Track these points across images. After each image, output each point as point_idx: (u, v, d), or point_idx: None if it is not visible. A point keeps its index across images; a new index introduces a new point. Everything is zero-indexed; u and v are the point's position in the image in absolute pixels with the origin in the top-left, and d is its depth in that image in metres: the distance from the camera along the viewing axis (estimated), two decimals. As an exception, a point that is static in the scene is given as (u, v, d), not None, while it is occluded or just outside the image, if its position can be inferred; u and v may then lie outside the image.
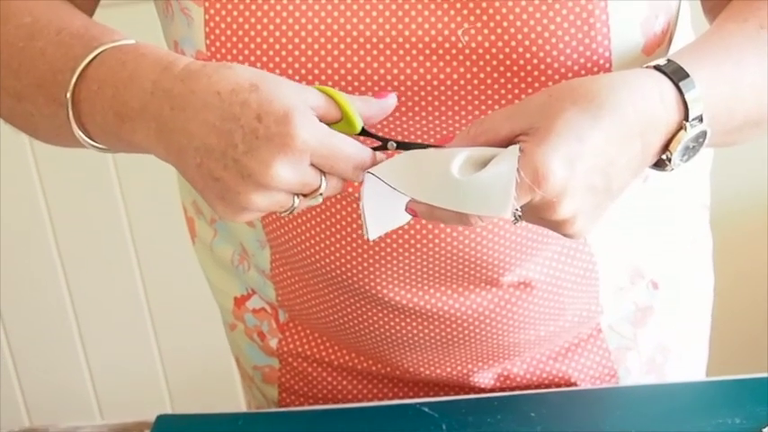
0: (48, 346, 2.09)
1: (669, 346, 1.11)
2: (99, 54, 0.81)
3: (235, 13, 0.88)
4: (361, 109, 0.79)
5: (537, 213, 0.75)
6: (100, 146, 0.83)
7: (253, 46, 0.88)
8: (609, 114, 0.75)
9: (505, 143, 0.76)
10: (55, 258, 2.00)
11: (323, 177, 0.76)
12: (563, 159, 0.73)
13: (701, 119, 0.79)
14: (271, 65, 0.88)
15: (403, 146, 0.79)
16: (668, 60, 0.79)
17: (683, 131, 0.78)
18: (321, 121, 0.77)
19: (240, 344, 1.15)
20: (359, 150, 0.77)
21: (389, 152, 0.79)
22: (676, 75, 0.78)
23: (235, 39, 0.88)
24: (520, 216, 0.74)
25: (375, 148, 0.78)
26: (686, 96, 0.78)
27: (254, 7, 0.87)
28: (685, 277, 1.11)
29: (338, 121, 0.78)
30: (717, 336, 1.23)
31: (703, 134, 0.80)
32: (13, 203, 1.95)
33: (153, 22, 0.99)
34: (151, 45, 0.82)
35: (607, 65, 0.87)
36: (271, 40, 0.87)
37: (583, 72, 0.87)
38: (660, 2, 0.88)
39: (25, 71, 0.85)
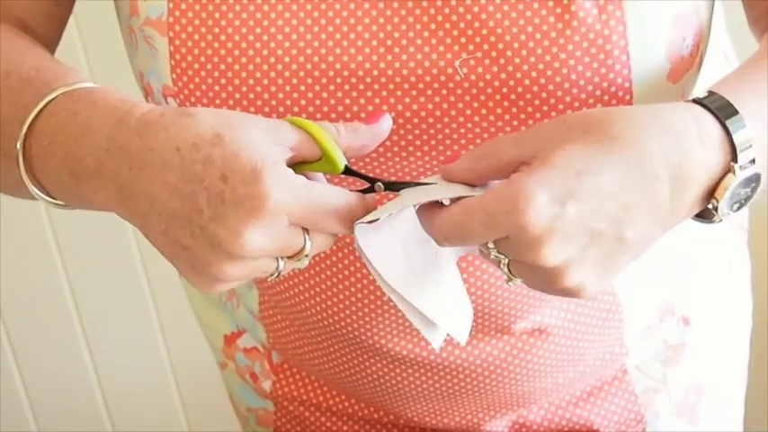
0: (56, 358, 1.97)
1: (703, 385, 1.00)
2: (49, 103, 0.71)
3: (203, 45, 0.77)
4: (349, 140, 0.68)
5: (518, 255, 0.64)
6: (61, 203, 0.73)
7: (224, 81, 0.77)
8: (624, 149, 0.63)
9: (508, 170, 0.65)
10: (60, 272, 1.89)
11: (306, 236, 0.66)
12: (553, 194, 0.61)
13: (753, 161, 0.66)
14: (245, 102, 0.77)
15: (391, 186, 0.67)
16: (710, 92, 0.67)
17: (730, 175, 0.65)
18: (299, 160, 0.67)
19: (232, 384, 1.06)
20: (344, 200, 0.66)
21: (378, 195, 0.68)
22: (722, 111, 0.66)
23: (203, 73, 0.78)
24: (511, 275, 0.66)
25: (363, 191, 0.67)
26: (734, 138, 0.65)
27: (223, 38, 0.77)
28: (721, 308, 1.01)
29: (319, 159, 0.67)
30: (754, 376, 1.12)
31: (756, 178, 0.67)
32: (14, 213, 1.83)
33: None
34: (107, 89, 0.72)
35: (627, 96, 0.76)
36: (243, 74, 0.77)
37: (599, 106, 0.76)
38: (687, 20, 0.77)
39: None
